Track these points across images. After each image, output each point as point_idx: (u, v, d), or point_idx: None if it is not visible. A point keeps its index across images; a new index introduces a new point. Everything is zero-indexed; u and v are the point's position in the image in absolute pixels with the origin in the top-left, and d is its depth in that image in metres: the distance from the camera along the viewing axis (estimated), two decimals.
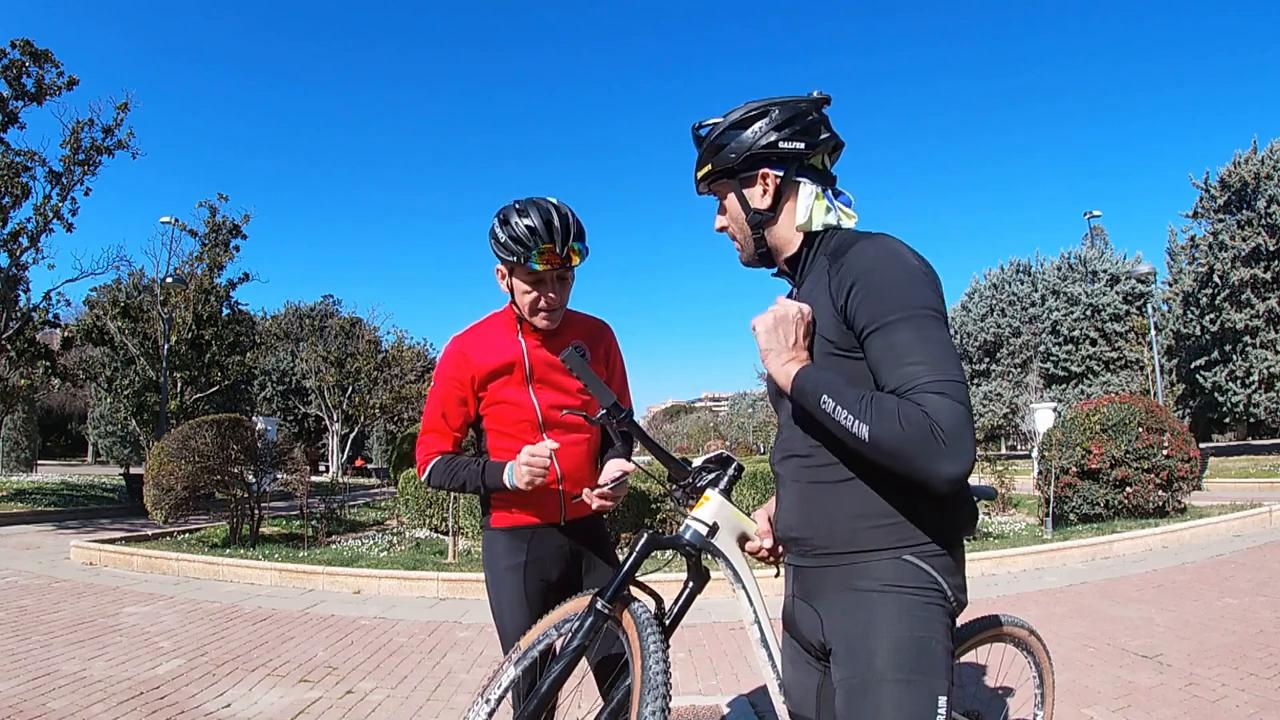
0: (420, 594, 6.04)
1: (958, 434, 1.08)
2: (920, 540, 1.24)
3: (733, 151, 1.36)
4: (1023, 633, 1.90)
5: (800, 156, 1.36)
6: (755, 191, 1.38)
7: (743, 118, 1.36)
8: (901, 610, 1.21)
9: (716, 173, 1.40)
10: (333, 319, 33.06)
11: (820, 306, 1.29)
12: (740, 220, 1.41)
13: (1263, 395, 20.50)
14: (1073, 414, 8.69)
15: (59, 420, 39.34)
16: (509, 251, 1.80)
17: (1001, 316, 28.03)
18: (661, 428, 69.22)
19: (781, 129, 1.34)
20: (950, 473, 1.08)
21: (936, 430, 1.08)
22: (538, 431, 1.92)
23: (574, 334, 1.98)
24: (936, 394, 1.11)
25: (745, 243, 1.43)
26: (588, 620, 1.40)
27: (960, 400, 1.11)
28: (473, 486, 1.90)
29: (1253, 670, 3.47)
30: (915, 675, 1.18)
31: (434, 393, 1.97)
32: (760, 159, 1.35)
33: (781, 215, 1.39)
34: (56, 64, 12.49)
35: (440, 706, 3.45)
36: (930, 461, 1.08)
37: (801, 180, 1.37)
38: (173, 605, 5.60)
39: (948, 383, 1.11)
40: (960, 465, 1.08)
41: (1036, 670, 1.98)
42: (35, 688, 3.59)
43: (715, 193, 1.45)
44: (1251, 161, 20.82)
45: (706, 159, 1.41)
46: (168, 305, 16.58)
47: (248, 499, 8.36)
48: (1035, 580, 5.93)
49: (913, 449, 1.09)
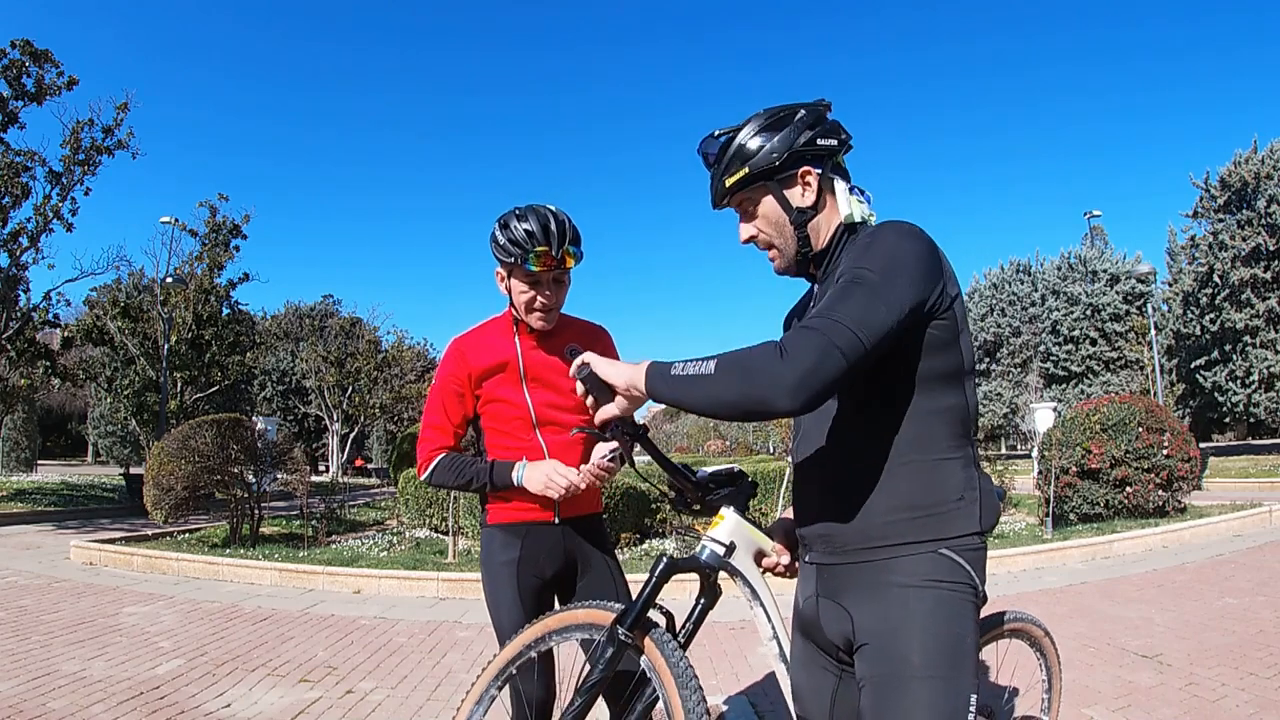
0: (420, 594, 6.04)
1: (796, 351, 1.11)
2: (955, 533, 1.23)
3: (774, 151, 1.33)
4: (1035, 630, 1.93)
5: (833, 153, 1.37)
6: (796, 191, 1.36)
7: (771, 121, 1.34)
8: (938, 605, 1.20)
9: (754, 175, 1.34)
10: (333, 319, 33.06)
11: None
12: (781, 222, 1.37)
13: (1263, 395, 20.50)
14: (1073, 414, 8.69)
15: (59, 420, 39.35)
16: (507, 253, 1.88)
17: (1001, 316, 28.03)
18: (661, 428, 69.12)
19: (814, 127, 1.34)
20: (784, 382, 1.09)
21: (778, 352, 1.12)
22: (531, 429, 1.98)
23: (570, 336, 2.02)
24: (802, 327, 1.14)
25: (786, 245, 1.39)
26: (609, 651, 1.37)
27: (820, 329, 1.12)
28: (479, 484, 1.95)
29: (1253, 670, 3.47)
30: (950, 672, 1.17)
31: (434, 390, 2.04)
32: (799, 157, 1.34)
33: (824, 212, 1.38)
34: (56, 64, 12.50)
35: (440, 706, 3.45)
36: (766, 376, 1.11)
37: (834, 177, 1.38)
38: (173, 605, 5.60)
39: (824, 320, 1.14)
40: (790, 375, 1.09)
41: (1046, 667, 2.00)
42: (35, 688, 3.59)
43: (744, 201, 1.39)
44: (1251, 161, 20.82)
45: (737, 165, 1.35)
46: (168, 305, 16.58)
47: (248, 499, 8.36)
48: (1035, 580, 5.93)
49: (755, 367, 1.12)
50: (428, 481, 2.02)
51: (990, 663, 1.97)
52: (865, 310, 1.14)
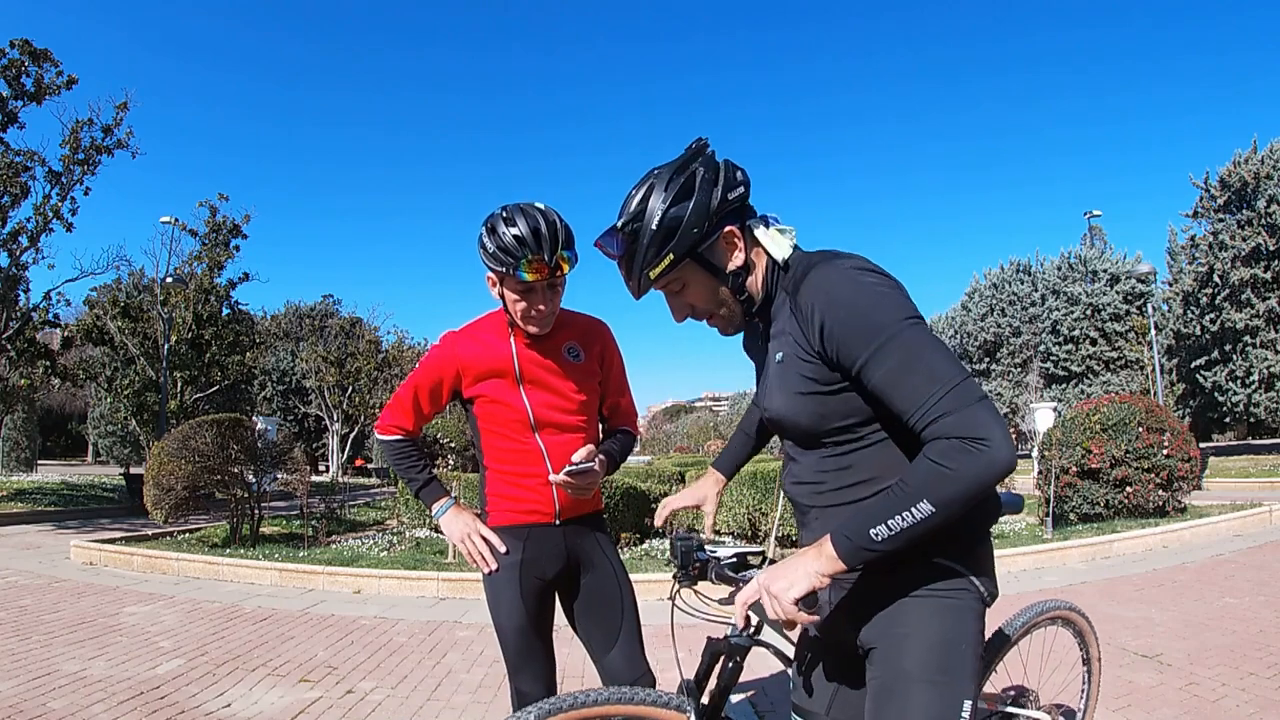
0: (420, 594, 6.04)
1: (983, 428, 1.08)
2: (948, 539, 1.23)
3: (693, 226, 1.25)
4: (1078, 618, 2.03)
5: (744, 200, 1.32)
6: (723, 255, 1.31)
7: (674, 192, 1.26)
8: (934, 613, 1.23)
9: (680, 258, 1.27)
10: (333, 319, 33.09)
11: (795, 347, 1.26)
12: (716, 291, 1.33)
13: (1263, 395, 20.48)
14: (1073, 414, 8.69)
15: (59, 420, 39.31)
16: (498, 262, 1.79)
17: (1001, 316, 28.04)
18: (662, 427, 69.18)
19: (718, 183, 1.27)
20: (1004, 457, 1.07)
21: (969, 444, 1.08)
22: (530, 432, 1.96)
23: (568, 334, 2.02)
24: (943, 415, 1.10)
25: (731, 311, 1.36)
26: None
27: (965, 401, 1.10)
28: (410, 488, 2.06)
29: (1253, 670, 3.47)
30: (941, 677, 1.20)
31: (415, 375, 2.02)
32: (717, 222, 1.28)
33: (755, 266, 1.35)
34: (56, 63, 12.47)
35: (440, 706, 3.45)
36: (987, 468, 1.07)
37: (751, 224, 1.34)
38: (173, 605, 5.60)
39: (948, 394, 1.11)
40: (1003, 445, 1.07)
41: (1086, 656, 2.11)
42: (35, 687, 3.59)
43: (671, 282, 1.33)
44: (1251, 161, 20.80)
45: (655, 252, 1.27)
46: (168, 305, 16.56)
47: (248, 499, 8.36)
48: (1035, 580, 5.93)
49: (969, 474, 1.07)
50: (378, 441, 2.11)
51: (1033, 649, 2.05)
52: (938, 350, 1.15)
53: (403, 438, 2.04)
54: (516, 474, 1.96)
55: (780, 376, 1.29)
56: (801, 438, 1.33)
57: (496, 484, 1.99)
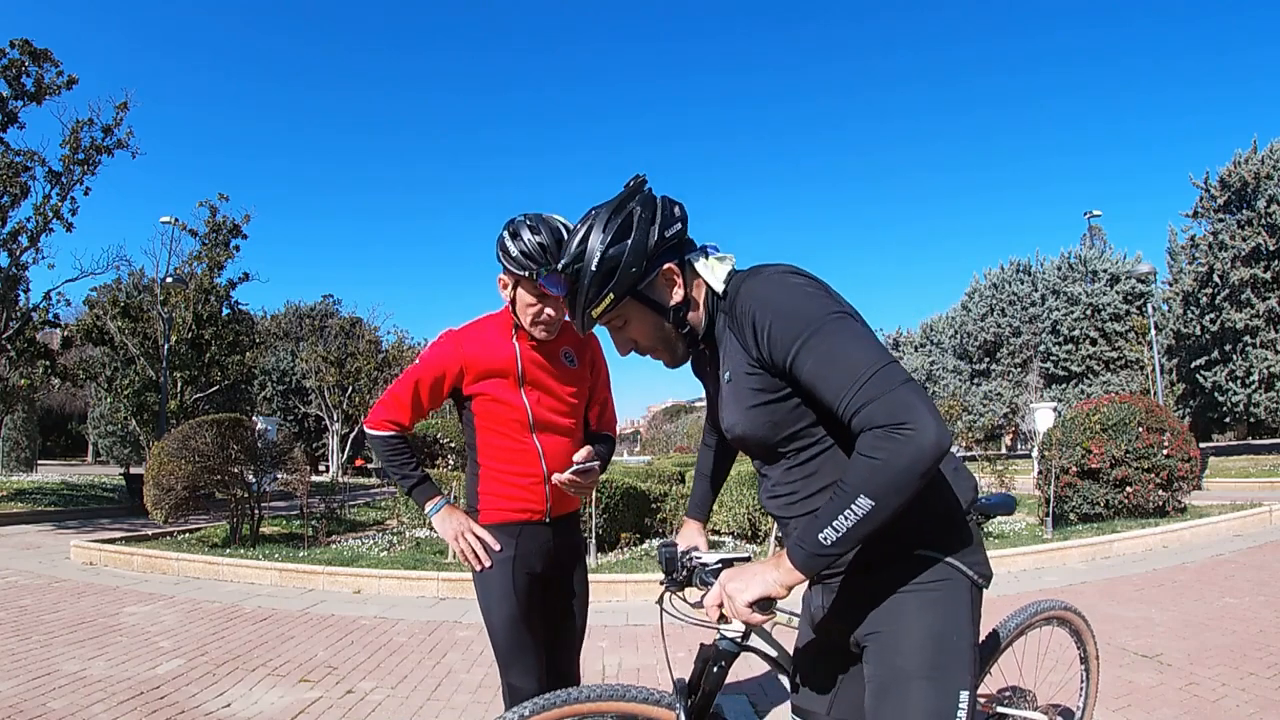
0: (420, 594, 6.04)
1: (906, 411, 1.07)
2: (925, 531, 1.26)
3: (632, 266, 1.28)
4: (1075, 618, 2.03)
5: (681, 236, 1.34)
6: (663, 291, 1.33)
7: (613, 232, 1.28)
8: (922, 607, 1.24)
9: (620, 296, 1.30)
10: (333, 319, 33.08)
11: (740, 362, 1.28)
12: (659, 325, 1.35)
13: (1263, 395, 20.49)
14: (1073, 414, 8.69)
15: (59, 420, 39.31)
16: (520, 266, 1.85)
17: (1001, 316, 28.06)
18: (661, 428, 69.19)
19: (655, 221, 1.30)
20: (930, 439, 1.06)
21: (893, 431, 1.07)
22: (528, 432, 2.01)
23: (564, 340, 2.09)
24: (866, 404, 1.10)
25: (672, 345, 1.38)
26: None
27: (887, 386, 1.09)
28: (401, 487, 2.11)
29: (1253, 670, 3.47)
30: (936, 671, 1.21)
31: (414, 370, 2.03)
32: (656, 259, 1.30)
33: (695, 299, 1.36)
34: (56, 63, 12.47)
35: (440, 706, 3.45)
36: (916, 453, 1.06)
37: (689, 258, 1.36)
38: (173, 605, 5.60)
39: (869, 381, 1.10)
40: (929, 427, 1.06)
41: (1084, 655, 2.11)
42: (35, 687, 3.59)
43: (613, 318, 1.35)
44: (1251, 161, 20.81)
45: (595, 291, 1.29)
46: (168, 305, 16.56)
47: (248, 499, 8.36)
48: (1035, 580, 5.93)
49: (899, 462, 1.06)
50: (370, 438, 2.06)
51: (1030, 650, 2.05)
52: (862, 341, 1.15)
53: (396, 434, 2.04)
54: (512, 473, 2.00)
55: (732, 394, 1.31)
56: (763, 451, 1.35)
57: (490, 482, 2.02)
